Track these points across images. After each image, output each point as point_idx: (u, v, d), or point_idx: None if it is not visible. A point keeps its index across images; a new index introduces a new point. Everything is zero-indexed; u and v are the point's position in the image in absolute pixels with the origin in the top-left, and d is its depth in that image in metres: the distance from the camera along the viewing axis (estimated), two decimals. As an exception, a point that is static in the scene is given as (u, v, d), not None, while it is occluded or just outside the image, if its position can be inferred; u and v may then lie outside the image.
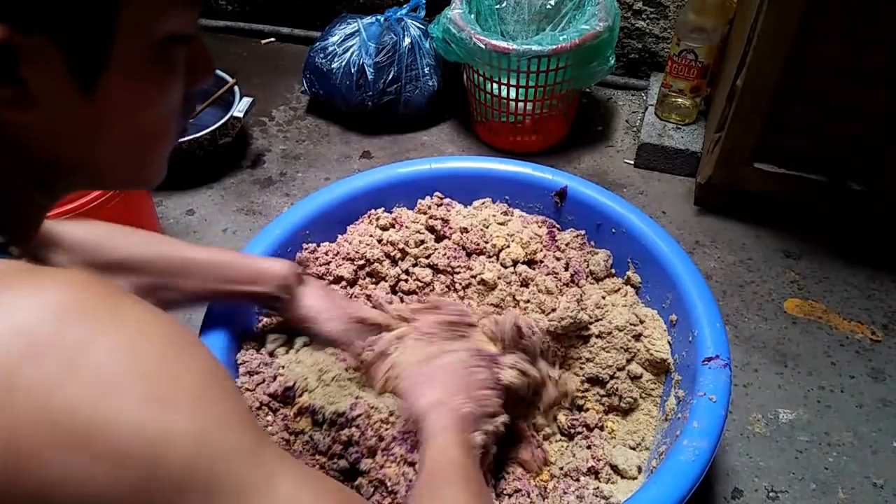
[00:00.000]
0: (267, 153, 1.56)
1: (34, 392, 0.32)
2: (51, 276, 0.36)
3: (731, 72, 1.27)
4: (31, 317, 0.34)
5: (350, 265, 0.97)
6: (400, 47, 1.54)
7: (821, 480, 0.99)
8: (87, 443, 0.33)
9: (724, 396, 0.78)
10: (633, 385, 0.89)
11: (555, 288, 0.93)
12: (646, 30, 1.67)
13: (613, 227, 1.01)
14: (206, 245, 1.34)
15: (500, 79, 1.43)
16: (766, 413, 1.07)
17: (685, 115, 1.51)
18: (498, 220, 1.03)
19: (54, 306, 0.34)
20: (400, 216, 1.04)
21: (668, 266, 0.93)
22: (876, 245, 1.32)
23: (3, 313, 0.33)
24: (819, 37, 1.14)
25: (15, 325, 0.33)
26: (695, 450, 0.72)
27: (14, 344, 0.33)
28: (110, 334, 0.35)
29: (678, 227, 1.38)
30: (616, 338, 0.89)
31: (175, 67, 0.44)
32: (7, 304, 0.34)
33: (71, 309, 0.34)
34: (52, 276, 0.36)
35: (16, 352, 0.33)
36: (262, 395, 0.82)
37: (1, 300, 0.34)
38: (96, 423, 0.33)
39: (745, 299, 1.24)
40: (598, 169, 1.53)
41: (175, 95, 0.45)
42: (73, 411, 0.33)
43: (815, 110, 1.23)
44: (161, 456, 0.34)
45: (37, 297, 0.34)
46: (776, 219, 1.37)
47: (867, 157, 1.25)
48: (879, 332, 1.19)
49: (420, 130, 1.62)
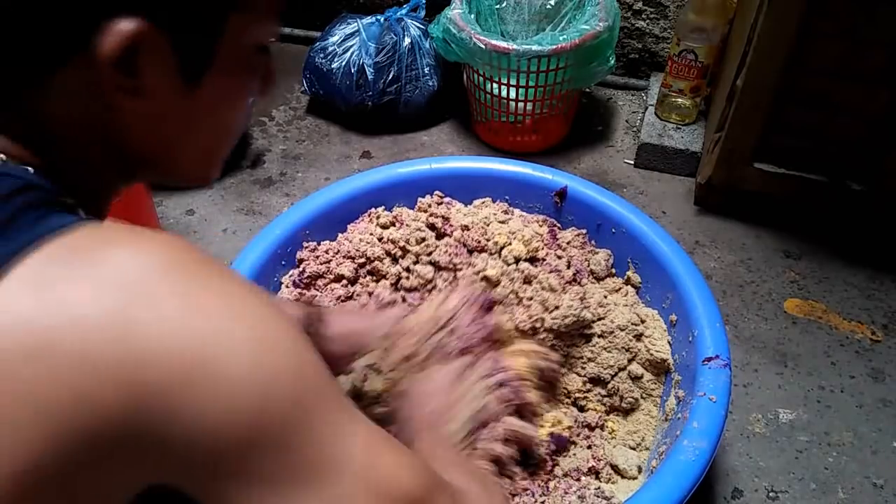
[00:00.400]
0: (267, 153, 1.56)
1: (150, 332, 0.34)
2: (152, 237, 0.37)
3: (731, 72, 1.27)
4: (138, 271, 0.35)
5: (351, 263, 0.97)
6: (400, 47, 1.54)
7: (821, 480, 0.99)
8: (203, 379, 0.34)
9: (724, 396, 0.78)
10: (634, 385, 0.89)
11: (558, 285, 0.93)
12: (646, 30, 1.67)
13: (613, 227, 1.01)
14: (207, 244, 1.34)
15: (500, 79, 1.43)
16: (766, 413, 1.07)
17: (685, 115, 1.51)
18: (498, 219, 1.03)
19: (158, 263, 0.36)
20: (400, 215, 1.04)
21: (668, 266, 0.93)
22: (876, 245, 1.32)
23: (110, 268, 0.35)
24: (819, 37, 1.14)
25: (123, 279, 0.35)
26: (695, 450, 0.72)
27: (125, 294, 0.34)
28: (214, 289, 0.37)
29: (678, 227, 1.38)
30: (618, 338, 0.89)
31: (257, 74, 0.47)
32: (113, 259, 0.35)
33: (174, 266, 0.36)
34: (154, 237, 0.37)
35: (127, 300, 0.34)
36: None
37: (107, 256, 0.35)
38: (210, 360, 0.34)
39: (745, 299, 1.24)
40: (598, 169, 1.53)
41: (249, 101, 0.48)
42: (189, 349, 0.34)
43: (815, 110, 1.23)
44: (272, 390, 0.36)
45: (142, 254, 0.36)
46: (776, 219, 1.37)
47: (867, 157, 1.25)
48: (879, 332, 1.19)
49: (420, 130, 1.62)
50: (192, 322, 0.35)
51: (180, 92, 0.42)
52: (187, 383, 0.34)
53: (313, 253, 0.99)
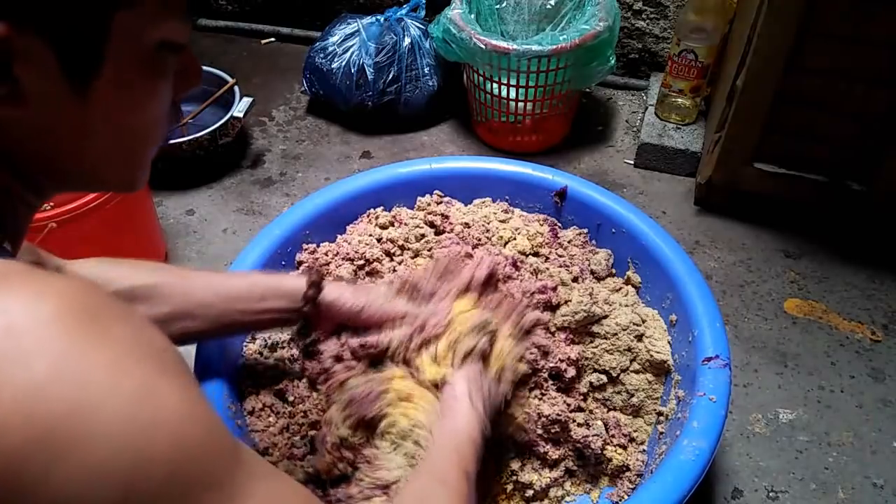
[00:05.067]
0: (267, 153, 1.56)
1: (20, 394, 0.32)
2: (50, 283, 0.36)
3: (731, 72, 1.27)
4: (25, 320, 0.33)
5: (349, 265, 0.97)
6: (400, 47, 1.54)
7: (821, 480, 0.99)
8: (67, 452, 0.32)
9: (723, 396, 0.78)
10: (635, 385, 0.89)
11: (569, 280, 0.93)
12: (646, 30, 1.67)
13: (613, 227, 1.01)
14: (207, 244, 1.34)
15: (500, 79, 1.43)
16: (766, 413, 1.07)
17: (685, 115, 1.51)
18: (499, 219, 1.03)
19: (48, 313, 0.34)
20: (399, 214, 1.04)
21: (668, 266, 0.93)
22: (876, 245, 1.32)
23: None
24: (819, 37, 1.14)
25: (8, 326, 0.33)
26: (695, 450, 0.72)
27: (4, 344, 0.33)
28: (99, 349, 0.34)
29: (678, 227, 1.38)
30: (620, 339, 0.89)
31: (165, 74, 0.45)
32: (3, 305, 0.34)
33: (64, 317, 0.34)
34: (52, 283, 0.36)
35: (4, 351, 0.32)
36: None
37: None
38: (76, 436, 0.32)
39: (745, 299, 1.24)
40: (598, 169, 1.53)
41: (163, 102, 0.46)
42: (56, 419, 0.32)
43: (814, 110, 1.23)
44: (140, 472, 0.34)
45: (33, 301, 0.34)
46: (776, 219, 1.37)
47: (867, 157, 1.25)
48: (879, 332, 1.19)
49: (420, 130, 1.62)
50: (59, 385, 0.33)
51: (69, 98, 0.40)
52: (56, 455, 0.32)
53: (312, 255, 0.99)
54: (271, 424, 0.81)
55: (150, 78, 0.43)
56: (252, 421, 0.81)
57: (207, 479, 0.36)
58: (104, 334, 0.35)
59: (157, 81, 0.44)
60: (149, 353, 0.37)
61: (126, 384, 0.34)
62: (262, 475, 0.40)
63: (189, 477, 0.35)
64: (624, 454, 0.85)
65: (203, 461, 0.36)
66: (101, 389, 0.33)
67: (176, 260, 1.31)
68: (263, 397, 0.83)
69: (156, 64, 0.43)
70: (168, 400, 0.36)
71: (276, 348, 0.90)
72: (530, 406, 0.82)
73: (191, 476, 0.35)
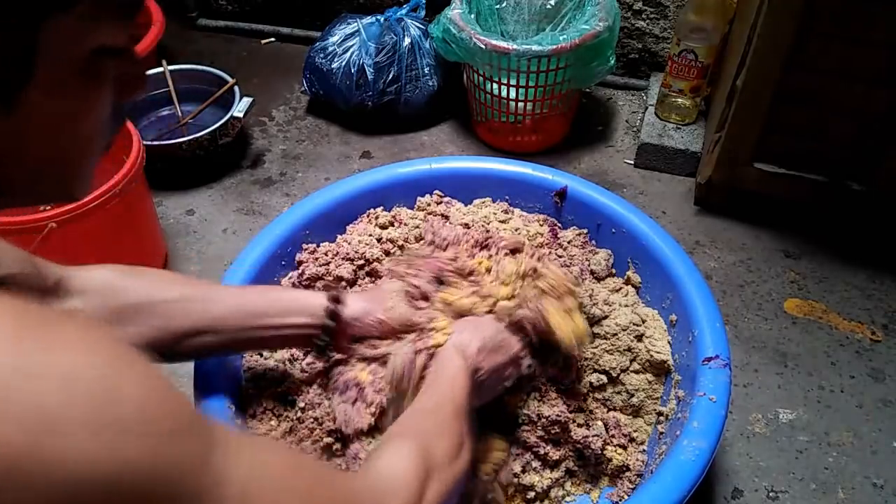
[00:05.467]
0: (267, 153, 1.56)
1: None
2: None
3: (731, 72, 1.27)
4: None
5: (349, 265, 0.97)
6: (400, 47, 1.54)
7: (821, 480, 0.99)
8: (32, 482, 0.30)
9: (723, 396, 0.78)
10: (635, 385, 0.89)
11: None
12: (646, 30, 1.67)
13: (613, 227, 1.00)
14: (207, 244, 1.34)
15: (500, 79, 1.43)
16: (766, 413, 1.07)
17: (685, 115, 1.51)
18: (499, 219, 1.04)
19: None
20: (399, 214, 1.04)
21: (668, 266, 0.93)
22: (876, 245, 1.32)
23: None
24: (819, 37, 1.14)
25: None
26: (695, 450, 0.72)
27: None
28: (46, 366, 0.32)
29: (678, 227, 1.38)
30: (620, 339, 0.89)
31: (103, 81, 0.42)
32: None
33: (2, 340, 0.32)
34: None
35: None
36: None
37: None
38: (43, 464, 0.30)
39: (745, 299, 1.24)
40: (598, 169, 1.53)
41: (102, 110, 0.43)
42: (17, 451, 0.30)
43: (815, 110, 1.23)
44: (115, 483, 0.32)
45: None
46: (776, 219, 1.37)
47: (867, 157, 1.25)
48: (879, 332, 1.19)
49: (420, 130, 1.62)
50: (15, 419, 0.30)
51: None
52: (22, 486, 0.29)
53: (312, 255, 0.99)
54: (273, 428, 0.81)
55: (85, 87, 0.41)
56: (254, 424, 0.81)
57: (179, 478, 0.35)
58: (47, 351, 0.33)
59: (93, 90, 0.41)
60: (99, 360, 0.34)
61: (83, 399, 0.32)
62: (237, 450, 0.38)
63: (163, 484, 0.34)
64: (624, 454, 0.85)
65: (176, 462, 0.35)
66: (57, 414, 0.31)
67: (176, 260, 1.31)
68: (265, 400, 0.83)
69: (92, 71, 0.40)
70: (128, 405, 0.34)
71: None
72: (530, 407, 0.82)
73: (164, 484, 0.34)
